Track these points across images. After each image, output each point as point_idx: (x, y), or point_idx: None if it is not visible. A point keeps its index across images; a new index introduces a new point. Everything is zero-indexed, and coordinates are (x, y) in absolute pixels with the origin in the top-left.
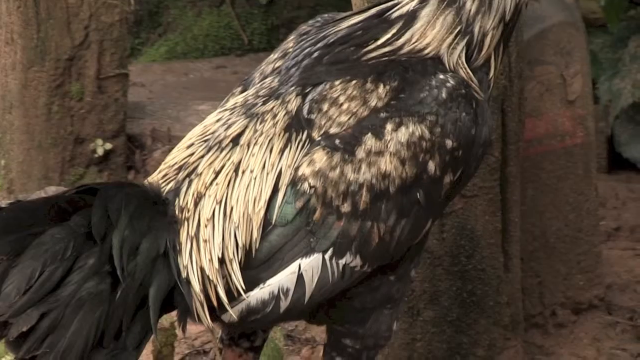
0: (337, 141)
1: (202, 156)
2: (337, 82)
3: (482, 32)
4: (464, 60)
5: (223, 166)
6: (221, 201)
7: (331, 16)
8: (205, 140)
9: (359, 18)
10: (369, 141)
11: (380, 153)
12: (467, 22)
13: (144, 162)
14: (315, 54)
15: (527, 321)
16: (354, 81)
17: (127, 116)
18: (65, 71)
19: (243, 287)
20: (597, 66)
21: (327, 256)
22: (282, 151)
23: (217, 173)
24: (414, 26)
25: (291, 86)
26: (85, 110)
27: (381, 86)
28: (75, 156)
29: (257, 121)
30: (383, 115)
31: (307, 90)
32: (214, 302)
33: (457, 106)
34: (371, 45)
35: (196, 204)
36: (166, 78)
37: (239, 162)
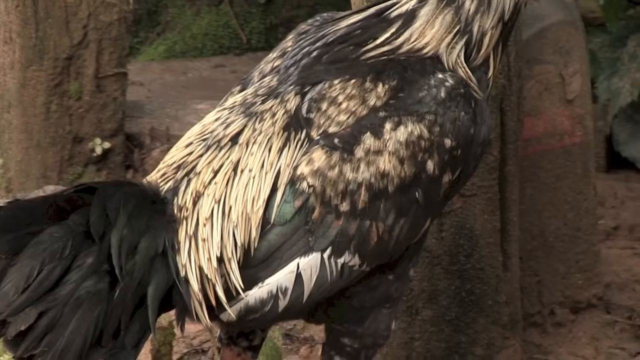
0: (336, 140)
1: (201, 155)
2: (336, 81)
3: (481, 32)
4: (463, 59)
5: (222, 165)
6: (220, 200)
7: (330, 15)
8: (204, 139)
9: (358, 17)
10: (368, 140)
11: (379, 152)
12: (466, 22)
13: (143, 161)
14: (314, 53)
15: (526, 320)
16: (353, 80)
17: (126, 115)
18: (63, 70)
19: (242, 286)
20: (596, 65)
21: (326, 255)
22: (281, 150)
23: (216, 172)
24: (413, 25)
25: (290, 85)
26: (83, 109)
27: (380, 85)
28: (73, 155)
29: (256, 120)
30: (382, 114)
31: (306, 89)
32: (213, 301)
33: (456, 105)
34: (370, 44)
35: (195, 203)
36: (165, 77)
37: (238, 161)
